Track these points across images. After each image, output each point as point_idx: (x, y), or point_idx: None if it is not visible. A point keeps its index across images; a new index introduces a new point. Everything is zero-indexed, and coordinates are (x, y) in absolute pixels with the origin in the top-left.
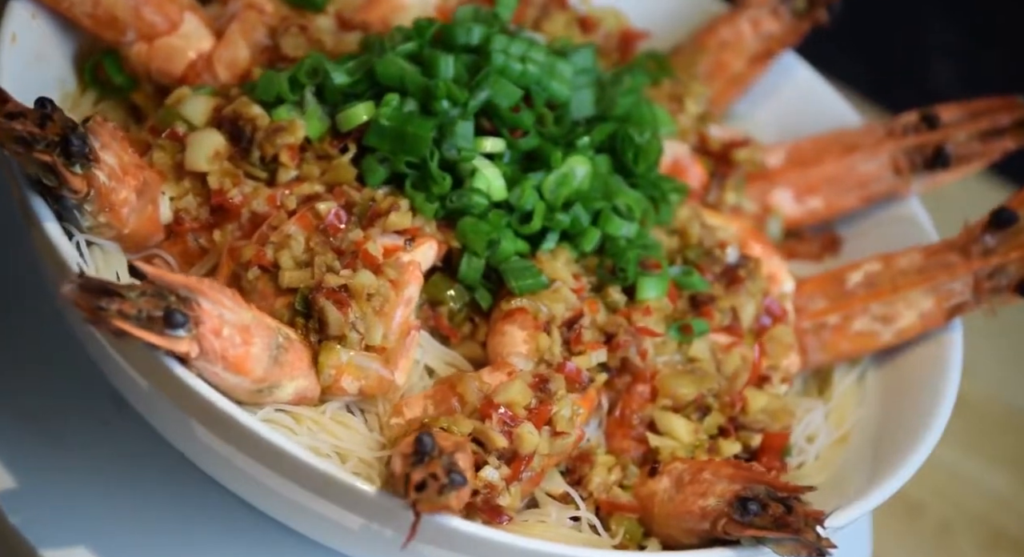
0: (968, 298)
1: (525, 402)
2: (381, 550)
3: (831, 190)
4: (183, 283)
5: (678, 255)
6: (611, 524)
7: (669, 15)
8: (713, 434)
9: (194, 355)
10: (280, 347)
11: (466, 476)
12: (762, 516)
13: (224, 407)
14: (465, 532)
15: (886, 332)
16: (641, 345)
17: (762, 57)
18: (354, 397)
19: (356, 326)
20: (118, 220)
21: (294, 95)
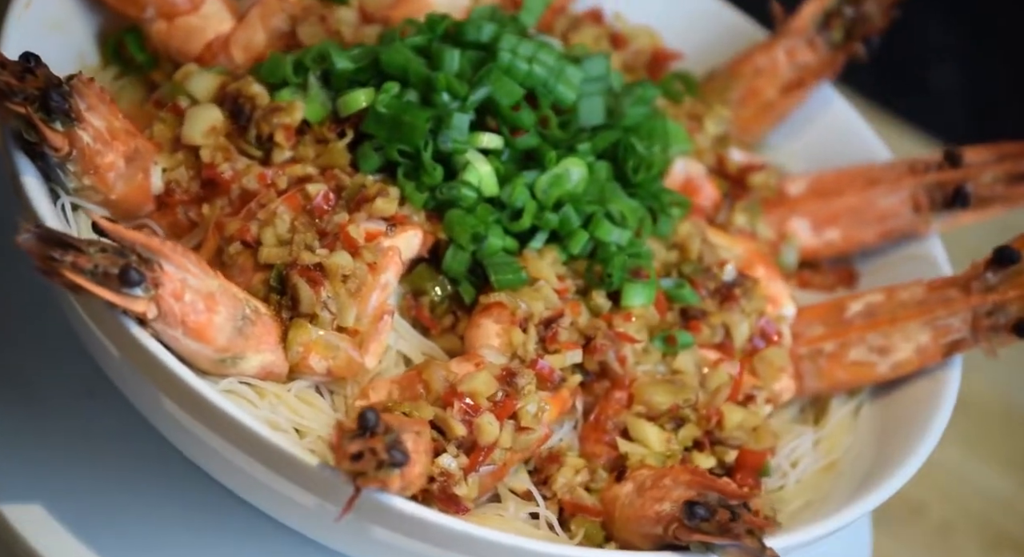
0: (966, 335)
1: (489, 393)
2: (336, 531)
3: (849, 223)
4: (145, 243)
5: (674, 269)
6: (572, 525)
7: (709, 40)
8: (688, 446)
9: (151, 316)
10: (246, 319)
11: (409, 455)
12: (709, 522)
13: (176, 368)
14: (405, 512)
15: (882, 364)
16: (620, 350)
17: (795, 87)
18: (322, 377)
19: (328, 306)
20: (104, 184)
21: (298, 78)
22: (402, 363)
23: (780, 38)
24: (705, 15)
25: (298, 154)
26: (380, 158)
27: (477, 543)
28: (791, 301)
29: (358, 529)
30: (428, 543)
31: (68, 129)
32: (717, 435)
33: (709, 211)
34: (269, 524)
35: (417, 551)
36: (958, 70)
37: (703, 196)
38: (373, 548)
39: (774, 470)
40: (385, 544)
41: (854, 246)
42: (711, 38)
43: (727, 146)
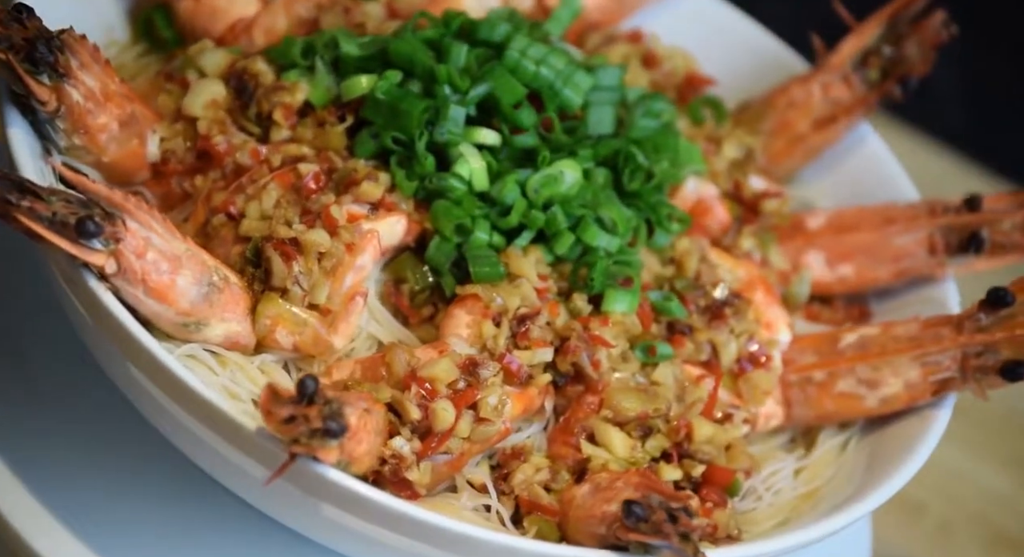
0: (955, 375)
1: (449, 380)
2: (288, 506)
3: (864, 260)
4: (109, 198)
5: (667, 282)
6: (526, 522)
7: (749, 69)
8: (656, 457)
9: (110, 271)
10: (213, 286)
11: (348, 428)
12: (645, 522)
13: (125, 321)
14: (341, 485)
15: (871, 397)
16: (594, 354)
17: (827, 122)
18: (288, 352)
19: (300, 281)
20: (95, 145)
21: (306, 62)
22: (375, 348)
23: (818, 72)
24: (748, 43)
25: (296, 135)
26: (375, 145)
27: (415, 524)
28: (787, 328)
29: (307, 505)
30: (372, 523)
31: (55, 83)
32: (686, 448)
33: (716, 233)
34: (269, 524)
35: (364, 532)
36: (958, 71)
37: (712, 217)
38: (324, 527)
39: (749, 492)
40: (335, 524)
41: (868, 284)
42: (752, 67)
43: (746, 172)
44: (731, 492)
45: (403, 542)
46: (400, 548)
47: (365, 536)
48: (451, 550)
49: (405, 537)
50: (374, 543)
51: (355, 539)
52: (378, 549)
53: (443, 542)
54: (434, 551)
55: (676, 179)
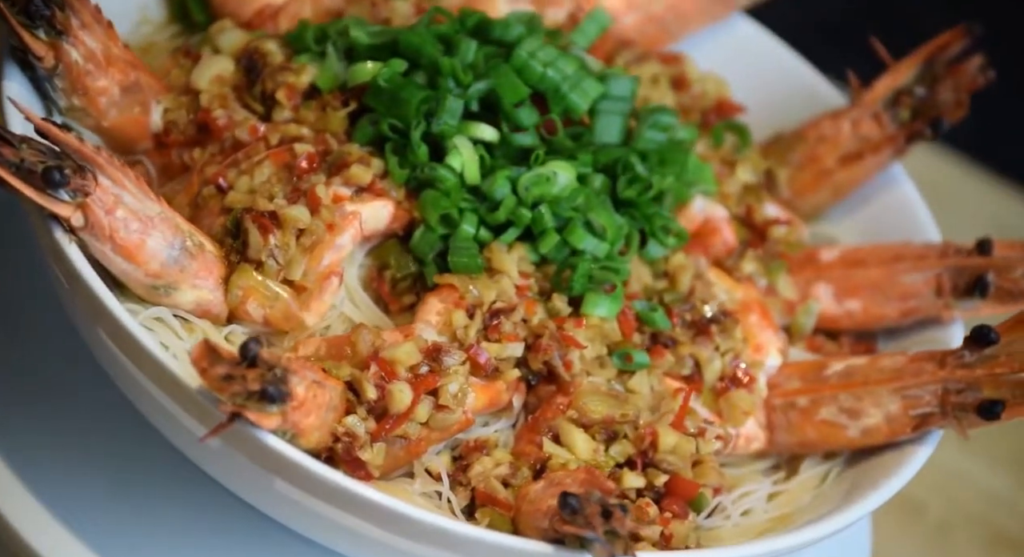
0: (935, 410)
1: (410, 363)
2: (241, 479)
3: (871, 296)
4: (80, 150)
5: (656, 295)
6: (479, 514)
7: (789, 103)
8: (620, 463)
9: (77, 224)
10: (186, 250)
11: (288, 395)
12: (580, 515)
13: (84, 273)
14: (275, 451)
15: (852, 428)
16: (566, 354)
17: (853, 158)
18: (259, 325)
19: (276, 255)
20: (95, 108)
21: (318, 47)
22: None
23: (851, 109)
24: (789, 76)
25: (299, 116)
26: (373, 131)
27: (350, 497)
28: (778, 353)
29: (261, 478)
30: (316, 496)
31: (52, 40)
32: (651, 457)
33: (720, 254)
34: (269, 525)
35: (312, 508)
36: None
37: (718, 239)
38: (278, 503)
39: (718, 510)
40: (288, 500)
41: (874, 320)
42: (791, 100)
43: (760, 198)
44: (695, 506)
45: (348, 519)
46: (346, 526)
47: (316, 513)
48: (387, 528)
49: (348, 513)
50: (328, 524)
51: (309, 518)
52: (332, 530)
53: (381, 520)
54: (373, 529)
55: (683, 196)
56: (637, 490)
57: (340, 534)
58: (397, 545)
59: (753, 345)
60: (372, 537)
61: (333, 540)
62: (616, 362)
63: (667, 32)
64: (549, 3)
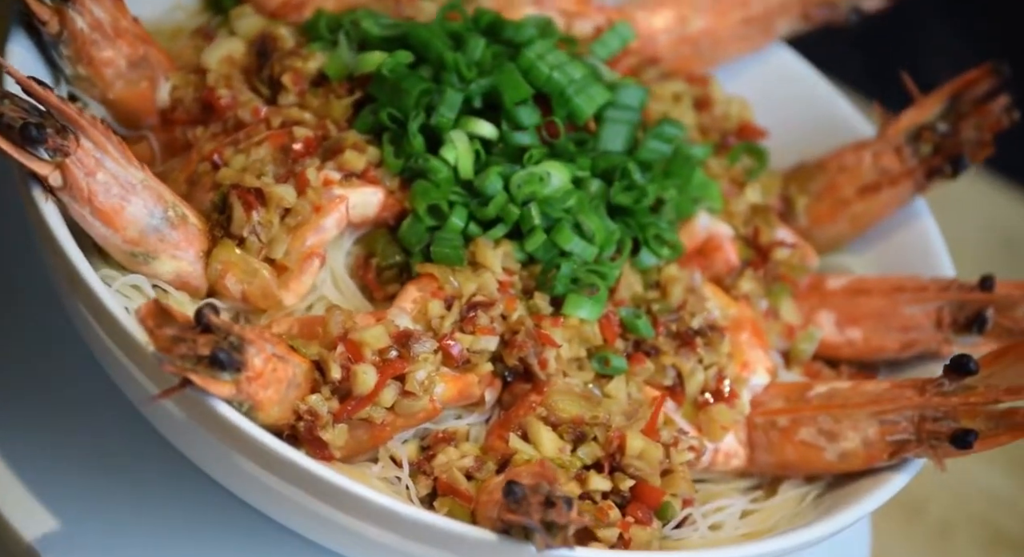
0: (912, 437)
1: (378, 346)
2: (203, 452)
3: (873, 325)
4: (63, 111)
5: (644, 303)
6: (438, 503)
7: (819, 133)
8: (588, 465)
9: (55, 184)
10: (167, 220)
11: (241, 363)
12: (523, 504)
13: (53, 227)
14: (225, 419)
15: (830, 450)
16: (541, 352)
17: (871, 190)
18: (237, 301)
19: (258, 232)
20: (100, 79)
21: (331, 36)
22: None
23: (875, 141)
24: (821, 104)
25: (304, 101)
26: (373, 120)
27: (302, 473)
28: (765, 373)
29: (221, 453)
30: (270, 471)
31: (57, 5)
32: (618, 460)
33: (720, 271)
34: (269, 525)
35: (271, 485)
36: (958, 70)
37: (719, 256)
38: (242, 480)
39: (688, 522)
40: (252, 478)
41: (875, 351)
42: (822, 129)
43: (768, 220)
44: (661, 514)
45: (300, 496)
46: (301, 504)
47: (274, 491)
48: (332, 503)
49: (298, 488)
50: (287, 502)
51: (270, 497)
52: (293, 511)
53: (327, 495)
54: (322, 506)
55: (687, 211)
56: (603, 493)
57: (297, 513)
58: (346, 524)
59: (741, 362)
60: (322, 515)
61: (292, 520)
62: (595, 365)
63: (701, 55)
64: (577, 15)
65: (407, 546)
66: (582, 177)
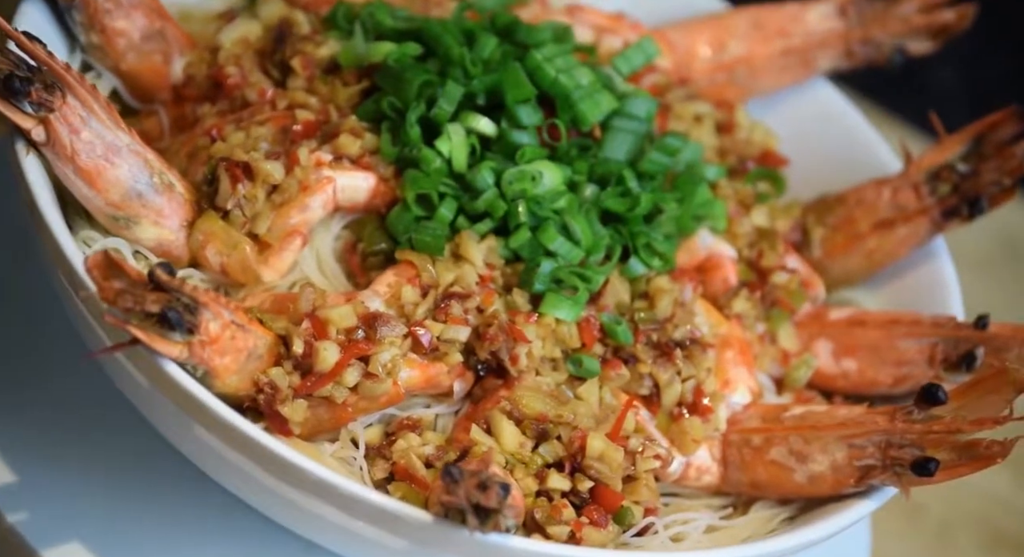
0: (877, 463)
1: (343, 325)
2: (164, 417)
3: (868, 358)
4: (54, 69)
5: (629, 311)
6: (391, 486)
7: (850, 169)
8: (549, 463)
9: (38, 138)
10: (151, 186)
11: (191, 324)
12: (457, 486)
13: (32, 182)
14: (169, 376)
15: (800, 472)
16: (513, 347)
17: (886, 225)
18: (216, 273)
19: (243, 206)
20: (112, 49)
21: (348, 26)
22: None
23: (897, 177)
24: (857, 143)
25: (312, 87)
26: (376, 109)
27: (245, 440)
28: (748, 393)
29: (180, 419)
30: (220, 439)
31: None
32: (579, 461)
33: (718, 291)
34: (268, 525)
35: (226, 456)
36: (958, 70)
37: (718, 275)
38: (195, 446)
39: (650, 531)
40: (204, 444)
41: (868, 384)
42: (853, 161)
43: (774, 246)
44: (619, 519)
45: (249, 466)
46: (246, 472)
47: (224, 459)
48: (277, 475)
49: (243, 456)
50: (238, 473)
51: (220, 464)
52: (241, 480)
53: (270, 464)
54: (266, 476)
55: (688, 227)
56: (562, 493)
57: (247, 483)
58: (290, 496)
59: (723, 379)
60: (267, 485)
61: (243, 491)
62: (569, 367)
63: (737, 82)
64: (608, 30)
65: (349, 523)
66: (578, 181)
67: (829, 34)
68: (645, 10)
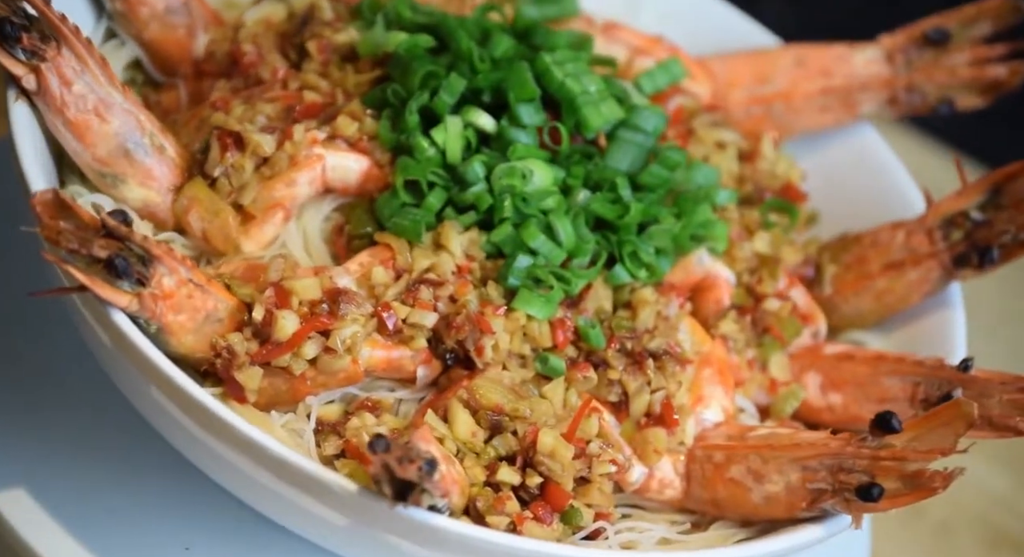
0: (828, 487)
1: (307, 297)
2: (123, 377)
3: (852, 392)
4: (53, 21)
5: (608, 318)
6: (339, 462)
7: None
8: (502, 456)
9: (29, 86)
10: (142, 146)
11: (140, 275)
12: (377, 456)
13: (17, 126)
14: (115, 324)
15: (756, 491)
16: (479, 339)
17: (895, 267)
18: (199, 239)
19: (230, 175)
20: (135, 17)
21: (371, 16)
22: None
23: (914, 221)
24: (893, 191)
25: (326, 72)
26: (382, 96)
27: (187, 398)
28: (720, 411)
29: (139, 382)
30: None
31: None
32: (531, 456)
33: (710, 312)
34: (269, 526)
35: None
36: None
37: (711, 296)
38: (153, 409)
39: (600, 535)
40: (160, 408)
41: (852, 420)
42: (886, 204)
43: (775, 274)
44: (566, 519)
45: (182, 417)
46: (186, 428)
47: (168, 414)
48: (211, 432)
49: (183, 411)
50: (178, 429)
51: (165, 419)
52: (182, 437)
53: (209, 425)
54: (201, 431)
55: (685, 245)
56: (512, 487)
57: (188, 441)
58: (227, 457)
59: (696, 395)
60: (203, 441)
61: (188, 450)
62: (537, 365)
63: (773, 117)
64: (643, 51)
65: (285, 491)
66: (572, 185)
67: (873, 78)
68: (700, 42)
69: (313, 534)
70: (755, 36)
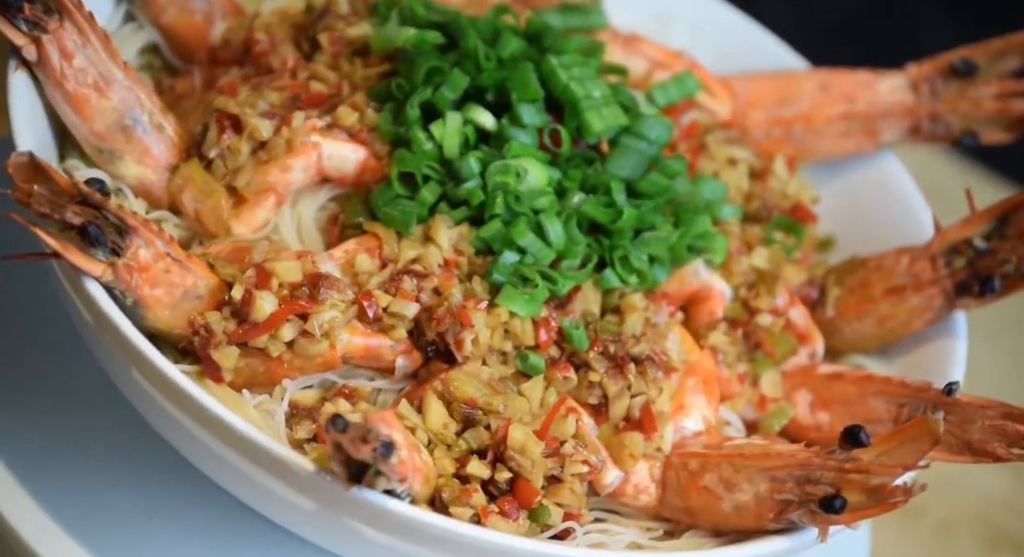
0: (794, 498)
1: (287, 279)
2: (106, 355)
3: (839, 412)
4: None
5: (594, 320)
6: (308, 446)
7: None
8: (474, 449)
9: (29, 57)
10: (139, 123)
11: (114, 245)
12: (331, 435)
13: (14, 104)
14: (88, 294)
15: (727, 500)
16: (460, 332)
17: (897, 292)
18: (191, 220)
19: (225, 157)
20: (153, 1)
21: (387, 12)
22: None
23: (920, 247)
24: (911, 223)
25: (336, 64)
26: (387, 90)
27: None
28: (700, 420)
29: (113, 358)
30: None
31: None
32: (501, 451)
33: (703, 323)
34: (269, 526)
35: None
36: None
37: (704, 308)
38: (130, 386)
39: (568, 535)
40: (136, 385)
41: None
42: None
43: (772, 290)
44: (534, 517)
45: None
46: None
47: (140, 387)
48: (180, 406)
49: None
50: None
51: (137, 391)
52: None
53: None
54: (184, 417)
55: (681, 256)
56: (482, 481)
57: (157, 413)
58: (196, 433)
59: (677, 403)
60: (173, 415)
61: (158, 423)
62: (517, 362)
63: (793, 139)
64: (661, 65)
65: (250, 469)
66: (568, 187)
67: (896, 105)
68: (730, 62)
69: (290, 522)
70: (785, 58)
